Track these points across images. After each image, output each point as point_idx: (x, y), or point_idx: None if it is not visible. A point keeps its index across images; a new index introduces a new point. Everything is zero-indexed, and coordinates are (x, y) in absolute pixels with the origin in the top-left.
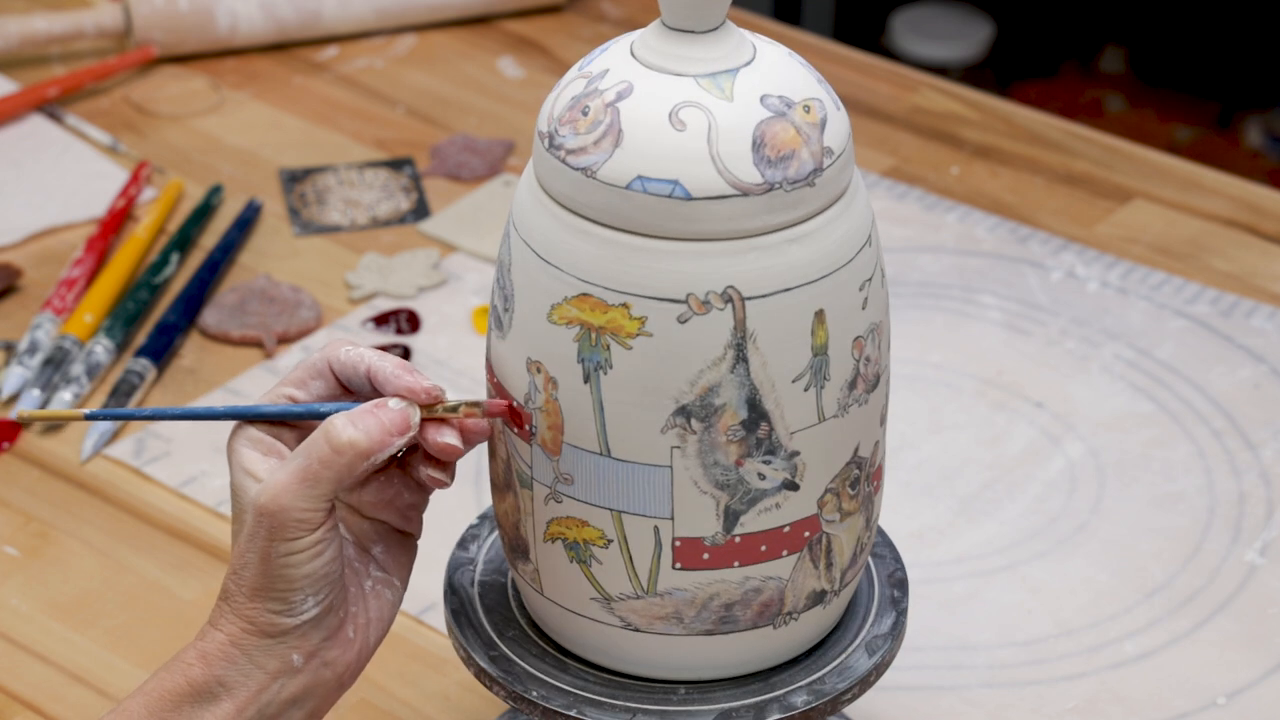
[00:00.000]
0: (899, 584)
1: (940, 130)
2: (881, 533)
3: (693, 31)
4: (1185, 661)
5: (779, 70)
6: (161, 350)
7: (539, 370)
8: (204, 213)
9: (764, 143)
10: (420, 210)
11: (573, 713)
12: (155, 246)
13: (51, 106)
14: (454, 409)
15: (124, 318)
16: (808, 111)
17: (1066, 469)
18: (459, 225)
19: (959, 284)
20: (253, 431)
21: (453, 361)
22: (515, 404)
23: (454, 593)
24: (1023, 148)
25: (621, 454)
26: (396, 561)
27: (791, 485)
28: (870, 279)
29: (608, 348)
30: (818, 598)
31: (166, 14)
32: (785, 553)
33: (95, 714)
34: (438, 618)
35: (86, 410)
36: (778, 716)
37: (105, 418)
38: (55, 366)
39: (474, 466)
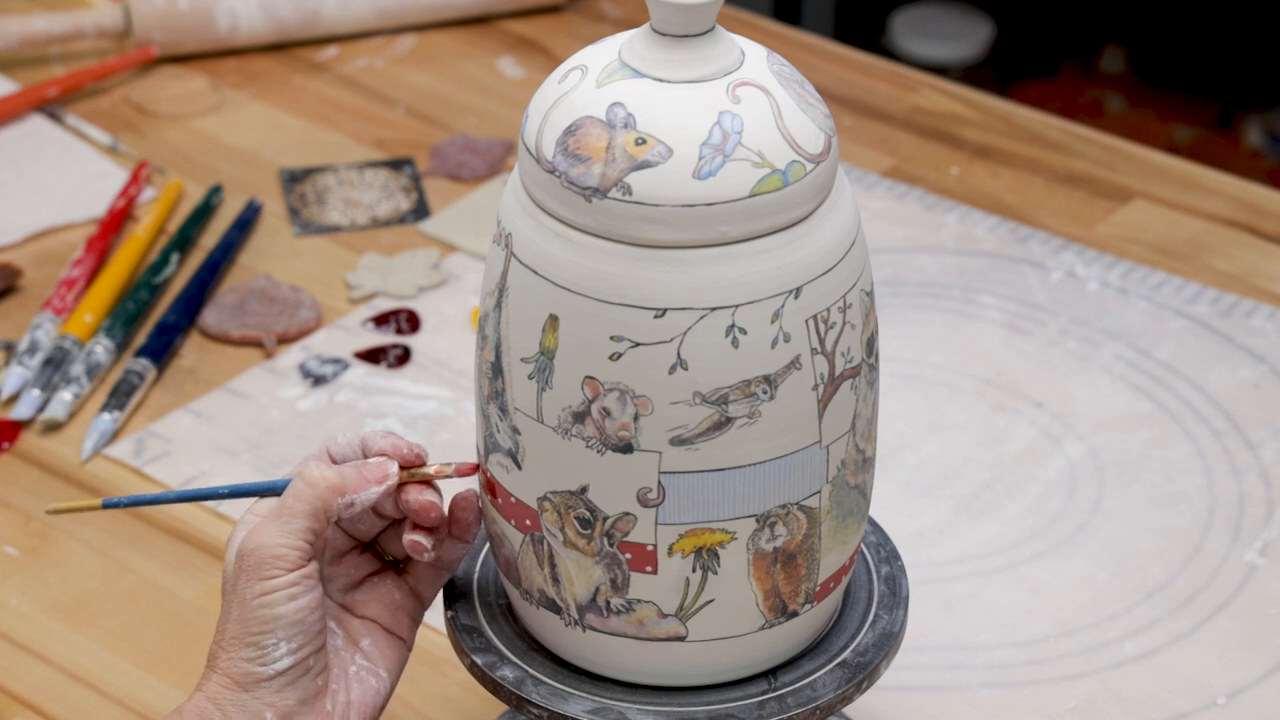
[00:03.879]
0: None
1: (940, 130)
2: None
3: (676, 36)
4: (1185, 661)
5: (683, 102)
6: (161, 350)
7: None
8: (204, 213)
9: (574, 134)
10: (420, 210)
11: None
12: (155, 246)
13: (51, 106)
14: (428, 472)
15: (124, 318)
16: (639, 144)
17: (1066, 469)
18: (459, 225)
19: (959, 284)
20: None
21: (452, 361)
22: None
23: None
24: (1023, 148)
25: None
26: (384, 656)
27: (508, 457)
28: (628, 346)
29: None
30: (553, 606)
31: (166, 14)
32: (512, 521)
33: (95, 714)
34: (437, 618)
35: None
36: None
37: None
38: (55, 366)
39: None
